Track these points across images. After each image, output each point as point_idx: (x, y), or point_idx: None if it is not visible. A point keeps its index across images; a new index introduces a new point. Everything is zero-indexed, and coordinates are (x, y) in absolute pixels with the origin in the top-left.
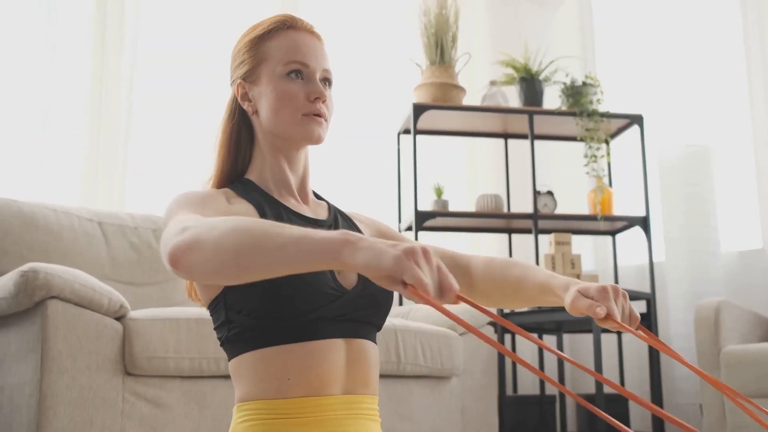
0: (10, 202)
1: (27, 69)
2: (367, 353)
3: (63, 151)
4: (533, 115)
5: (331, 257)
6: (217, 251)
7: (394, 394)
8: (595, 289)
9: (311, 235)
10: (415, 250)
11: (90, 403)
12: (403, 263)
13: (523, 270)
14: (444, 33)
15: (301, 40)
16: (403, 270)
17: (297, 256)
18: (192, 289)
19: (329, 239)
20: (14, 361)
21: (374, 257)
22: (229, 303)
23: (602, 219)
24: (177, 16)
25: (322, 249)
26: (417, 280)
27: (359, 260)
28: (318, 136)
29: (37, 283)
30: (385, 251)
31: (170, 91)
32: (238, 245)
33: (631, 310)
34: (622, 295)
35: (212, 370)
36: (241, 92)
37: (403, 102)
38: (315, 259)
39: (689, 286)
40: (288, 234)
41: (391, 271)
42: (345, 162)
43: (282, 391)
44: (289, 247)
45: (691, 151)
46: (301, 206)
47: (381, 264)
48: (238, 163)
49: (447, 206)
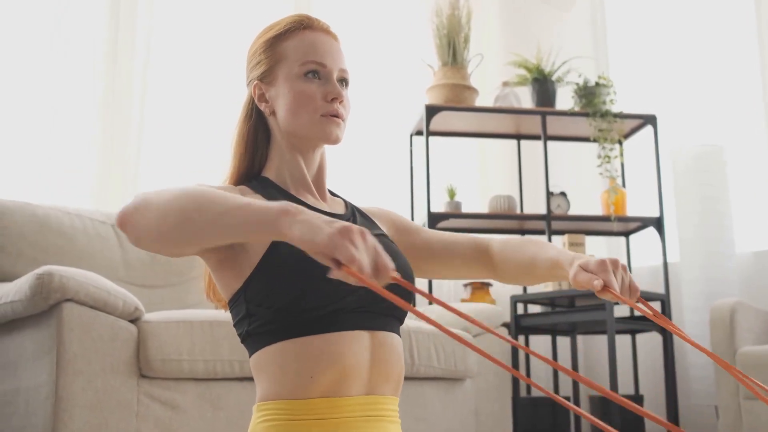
0: (24, 205)
1: (39, 72)
2: (391, 346)
3: (76, 154)
4: (546, 116)
5: (268, 226)
6: (161, 213)
7: (408, 396)
8: (594, 263)
9: (254, 204)
10: (350, 228)
11: (105, 406)
12: (335, 241)
13: (537, 247)
14: (456, 34)
15: (317, 39)
16: (335, 247)
17: (237, 223)
18: (210, 289)
19: (267, 208)
20: (30, 364)
21: (309, 231)
22: (249, 296)
23: (616, 220)
24: (190, 16)
25: (259, 217)
26: (349, 258)
27: (295, 233)
28: (336, 136)
29: (52, 286)
30: (320, 227)
31: (183, 93)
32: (182, 207)
33: (630, 282)
34: (622, 268)
35: (226, 372)
36: (258, 93)
37: (416, 103)
38: (254, 227)
39: (704, 286)
40: (231, 201)
41: (324, 247)
42: (358, 164)
43: (303, 391)
44: (230, 212)
45: (705, 151)
46: (318, 202)
47: (315, 239)
48: (255, 162)
49: (460, 207)
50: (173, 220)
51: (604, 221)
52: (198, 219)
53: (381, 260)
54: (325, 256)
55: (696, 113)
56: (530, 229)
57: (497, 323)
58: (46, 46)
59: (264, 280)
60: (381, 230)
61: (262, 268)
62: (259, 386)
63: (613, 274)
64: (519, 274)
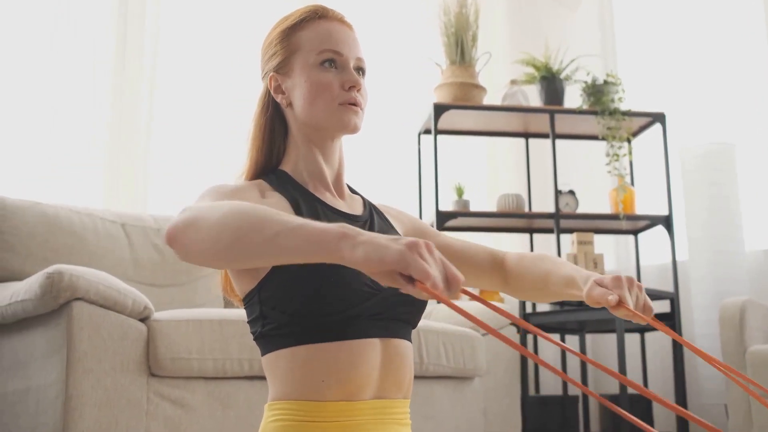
0: (34, 205)
1: (48, 71)
2: (402, 354)
3: (86, 153)
4: (554, 114)
5: (327, 250)
6: (213, 231)
7: (417, 395)
8: (609, 279)
9: (309, 226)
10: (418, 243)
11: (115, 404)
12: (407, 257)
13: (552, 264)
14: (464, 32)
15: (333, 29)
16: (408, 264)
17: (293, 245)
18: (227, 284)
19: (326, 231)
20: (40, 363)
21: (375, 251)
22: (263, 298)
23: (624, 218)
24: (198, 13)
25: (317, 240)
26: (424, 274)
27: (358, 255)
28: (354, 124)
29: (62, 285)
30: (387, 245)
31: (192, 91)
32: (236, 227)
33: (645, 301)
34: (637, 287)
35: (236, 370)
36: (274, 85)
37: (424, 102)
38: (310, 250)
39: (713, 285)
40: (286, 221)
41: (395, 265)
42: (365, 162)
43: (315, 394)
44: (286, 234)
45: (715, 149)
46: (336, 201)
47: (384, 258)
48: (272, 155)
49: (468, 206)
50: (228, 240)
51: (613, 219)
52: (254, 240)
53: (451, 272)
54: (394, 274)
55: (705, 111)
56: (539, 227)
57: (506, 322)
58: (54, 45)
59: (278, 283)
60: (397, 232)
61: (277, 271)
62: (272, 386)
63: (628, 290)
64: (532, 290)
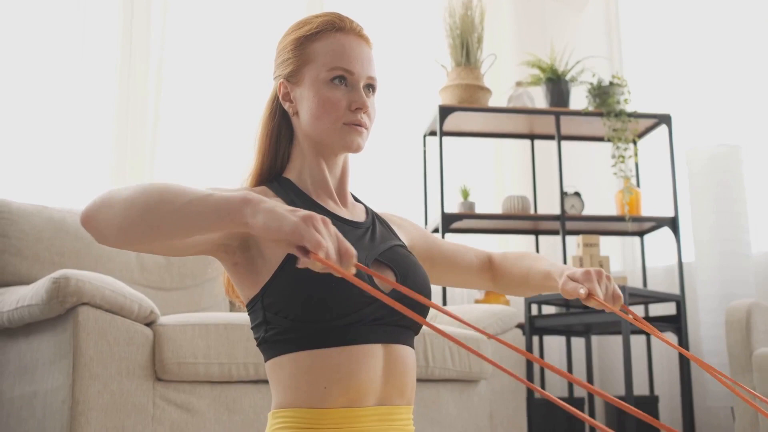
0: (40, 209)
1: (54, 75)
2: (404, 360)
3: (92, 157)
4: (560, 116)
5: (231, 215)
6: (125, 208)
7: (423, 398)
8: (580, 273)
9: (215, 194)
10: (313, 215)
11: (121, 409)
12: (301, 228)
13: (532, 261)
14: (469, 34)
15: (348, 44)
16: (302, 235)
17: (200, 214)
18: (229, 286)
19: (230, 197)
20: (46, 367)
21: (273, 220)
22: (266, 304)
23: (630, 220)
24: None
25: (224, 206)
26: (316, 244)
27: (259, 221)
28: (357, 145)
29: (68, 290)
30: (284, 216)
31: (198, 95)
32: (145, 202)
33: (614, 290)
34: (606, 277)
35: (241, 375)
36: (283, 92)
37: (429, 104)
38: (216, 217)
39: (719, 287)
40: (194, 192)
41: (291, 235)
42: (371, 164)
43: (318, 401)
44: (193, 203)
45: (721, 151)
46: (339, 208)
47: (281, 227)
48: (277, 161)
49: (474, 208)
50: (136, 213)
51: (619, 221)
52: (161, 211)
53: (344, 246)
54: (291, 243)
55: (711, 113)
56: (544, 229)
57: (511, 324)
58: (61, 49)
59: (281, 289)
60: (399, 240)
61: (279, 277)
62: (275, 393)
63: (598, 282)
64: (516, 286)
